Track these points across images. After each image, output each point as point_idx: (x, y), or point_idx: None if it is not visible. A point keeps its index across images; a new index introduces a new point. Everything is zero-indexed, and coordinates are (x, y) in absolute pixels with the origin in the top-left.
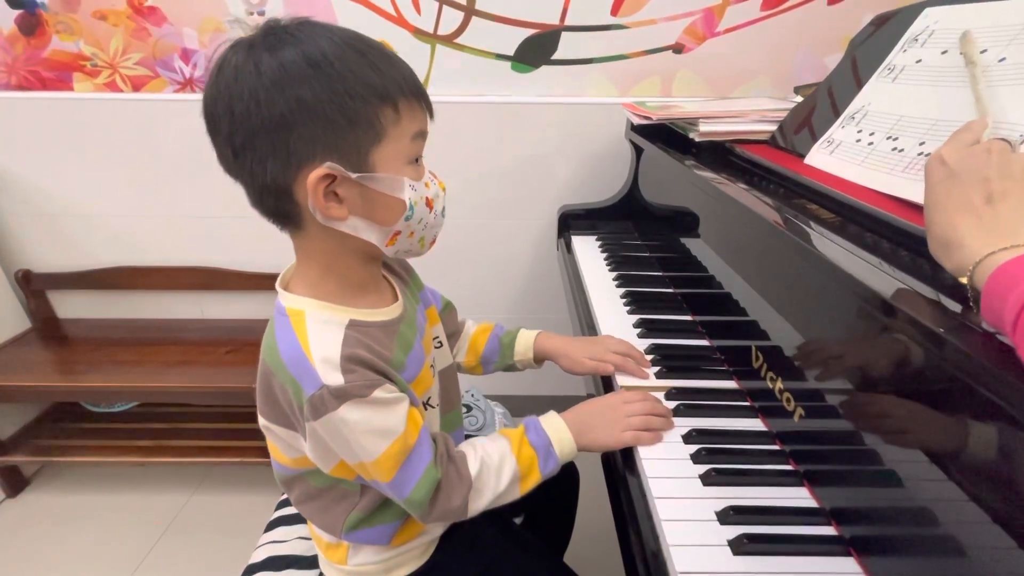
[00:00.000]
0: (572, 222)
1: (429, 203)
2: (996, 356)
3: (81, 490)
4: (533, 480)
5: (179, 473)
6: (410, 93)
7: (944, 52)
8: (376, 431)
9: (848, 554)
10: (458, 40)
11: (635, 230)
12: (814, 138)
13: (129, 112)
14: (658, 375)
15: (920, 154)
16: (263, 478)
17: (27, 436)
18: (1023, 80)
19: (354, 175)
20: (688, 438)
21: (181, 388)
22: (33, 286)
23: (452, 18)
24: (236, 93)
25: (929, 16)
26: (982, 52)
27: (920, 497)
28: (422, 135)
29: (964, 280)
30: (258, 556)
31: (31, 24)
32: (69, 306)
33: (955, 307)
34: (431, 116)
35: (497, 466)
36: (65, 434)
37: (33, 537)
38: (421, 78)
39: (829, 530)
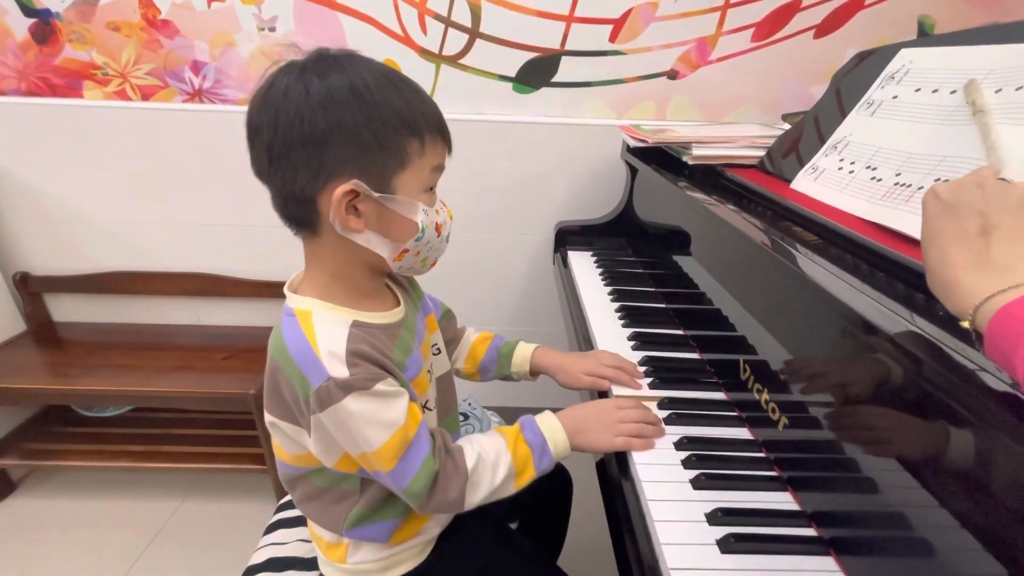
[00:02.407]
0: (569, 238)
1: (438, 228)
2: (963, 371)
3: (69, 495)
4: (528, 476)
5: (170, 480)
6: (436, 130)
7: (917, 90)
8: (378, 422)
9: (827, 553)
10: (462, 61)
11: (629, 247)
12: (800, 164)
13: (136, 120)
14: (651, 386)
15: (896, 184)
16: (255, 486)
17: (16, 440)
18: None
19: (376, 194)
20: (679, 445)
21: (176, 393)
22: (30, 288)
23: (457, 39)
24: (284, 107)
25: (904, 56)
26: (951, 93)
27: (894, 502)
28: (440, 168)
29: (966, 324)
30: (259, 558)
31: (44, 33)
32: (65, 309)
33: (927, 326)
34: (450, 152)
35: (493, 461)
36: (55, 438)
37: (19, 543)
38: None
39: (810, 531)
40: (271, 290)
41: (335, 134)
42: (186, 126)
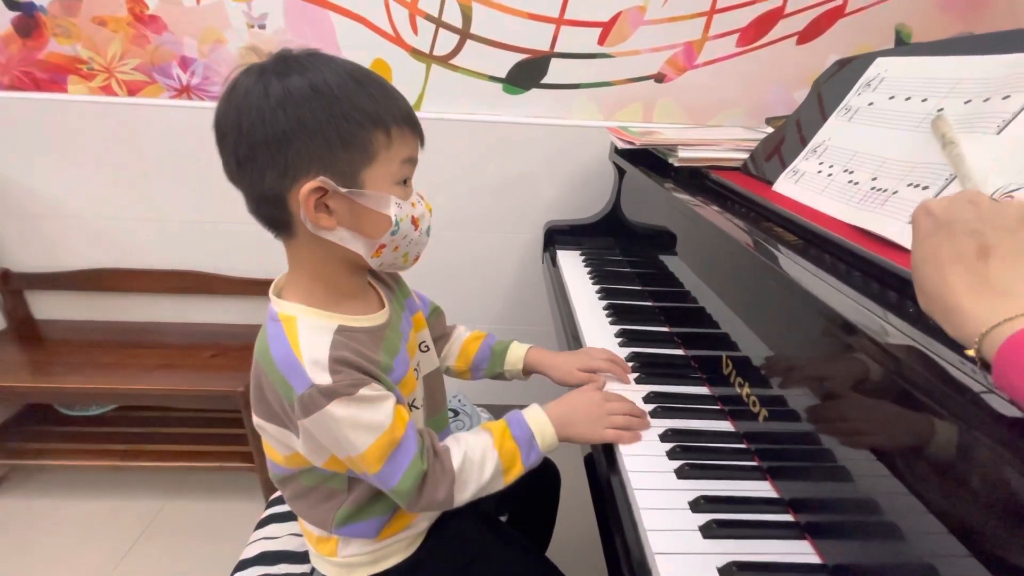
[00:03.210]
0: (557, 237)
1: (415, 221)
2: (932, 366)
3: (51, 495)
4: (516, 472)
5: (155, 479)
6: (403, 122)
7: (891, 97)
8: (363, 426)
9: (803, 538)
10: (453, 61)
11: (617, 246)
12: (782, 167)
13: (122, 116)
14: (637, 381)
15: (873, 188)
16: (243, 485)
17: None
18: (958, 129)
19: (344, 190)
20: (664, 437)
21: (161, 391)
22: (11, 286)
23: (448, 40)
24: (244, 110)
25: (880, 65)
26: (923, 101)
27: (866, 489)
28: (412, 160)
29: (971, 352)
30: (251, 552)
31: (28, 26)
32: (47, 307)
33: (899, 323)
34: (422, 144)
35: (480, 460)
36: (36, 437)
37: None
38: (416, 96)
39: (787, 517)
40: (260, 288)
41: (297, 132)
42: (174, 122)
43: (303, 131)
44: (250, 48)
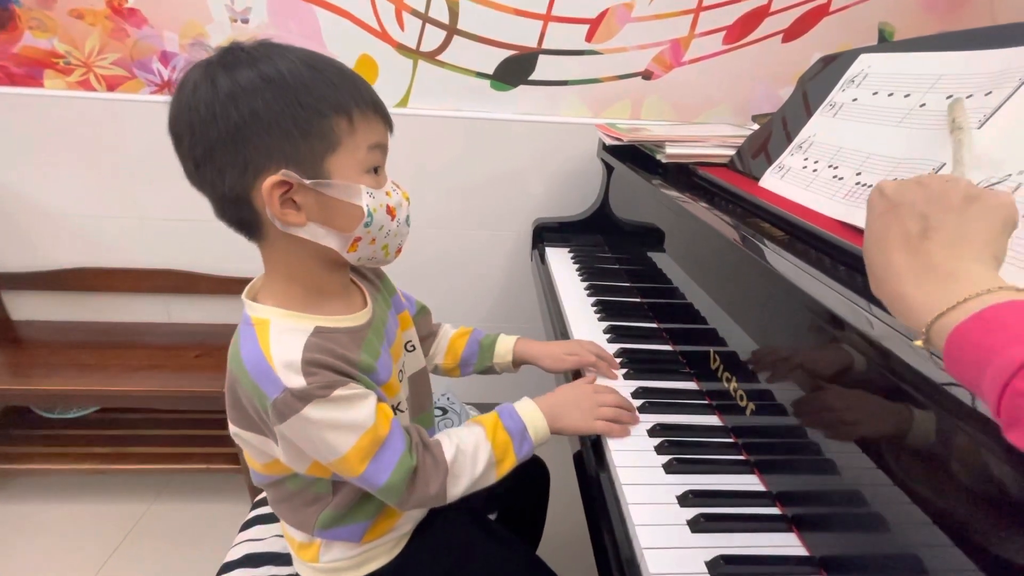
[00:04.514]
0: (546, 234)
1: (391, 211)
2: (915, 359)
3: (32, 499)
4: (509, 464)
5: (139, 481)
6: (366, 106)
7: (875, 93)
8: (342, 427)
9: (790, 530)
10: (440, 57)
11: (605, 243)
12: (768, 163)
13: (100, 111)
14: (626, 376)
15: (857, 183)
16: (229, 486)
17: None
18: (940, 124)
19: (309, 182)
20: (652, 432)
21: (145, 392)
22: None
23: (435, 36)
24: (194, 107)
25: (863, 61)
26: (906, 97)
27: (852, 482)
28: (380, 146)
29: (919, 343)
30: (235, 554)
31: (3, 19)
32: (25, 308)
33: (884, 316)
34: (391, 129)
35: (473, 452)
36: (14, 441)
37: None
38: (402, 92)
39: (774, 510)
40: (245, 287)
41: (252, 125)
42: (155, 118)
43: (258, 123)
44: (197, 44)
